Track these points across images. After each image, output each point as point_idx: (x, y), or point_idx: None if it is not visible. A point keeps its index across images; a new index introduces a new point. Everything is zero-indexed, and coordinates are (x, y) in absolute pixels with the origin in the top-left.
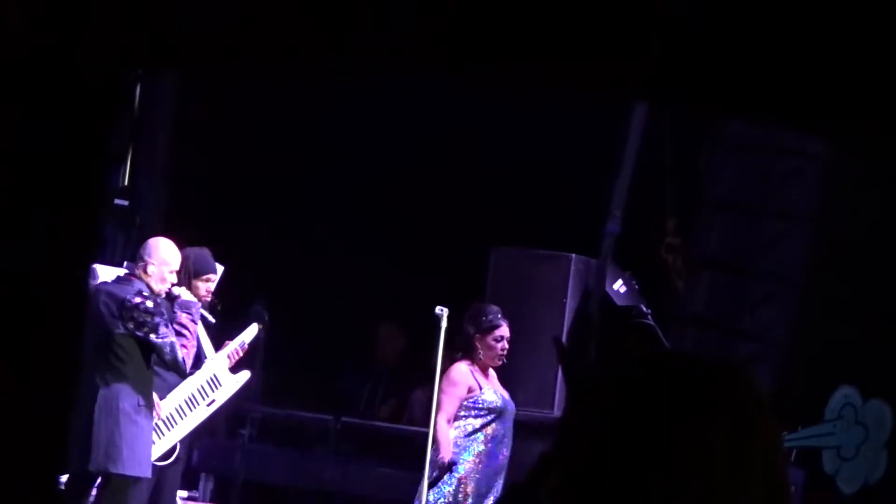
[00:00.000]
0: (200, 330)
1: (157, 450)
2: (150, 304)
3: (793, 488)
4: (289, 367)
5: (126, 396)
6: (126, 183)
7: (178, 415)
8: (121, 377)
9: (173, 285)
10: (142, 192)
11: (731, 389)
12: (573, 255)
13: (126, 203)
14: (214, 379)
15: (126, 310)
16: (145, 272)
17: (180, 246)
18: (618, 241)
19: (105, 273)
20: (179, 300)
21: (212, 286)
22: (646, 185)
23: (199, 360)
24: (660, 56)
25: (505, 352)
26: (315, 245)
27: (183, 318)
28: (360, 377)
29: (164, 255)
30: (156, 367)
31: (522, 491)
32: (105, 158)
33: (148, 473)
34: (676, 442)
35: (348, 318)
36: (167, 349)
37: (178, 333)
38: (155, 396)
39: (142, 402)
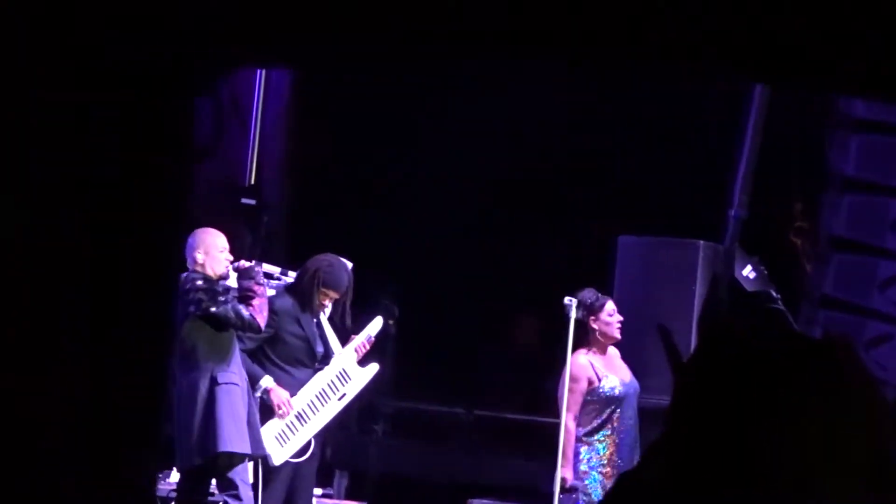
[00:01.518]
0: (326, 327)
1: (292, 446)
2: (199, 281)
3: None
4: (420, 361)
5: (201, 381)
6: (252, 182)
7: (310, 410)
8: (194, 365)
9: (231, 262)
10: (268, 190)
11: (832, 364)
12: (701, 241)
13: (253, 202)
14: (343, 373)
15: (182, 295)
16: (197, 263)
17: (310, 245)
18: (744, 226)
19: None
20: (240, 269)
21: (337, 297)
22: (771, 167)
23: (326, 356)
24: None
25: (621, 324)
26: (443, 237)
27: (245, 284)
28: (493, 368)
29: (207, 241)
30: (285, 365)
31: (631, 479)
32: (182, 153)
33: (247, 449)
34: (772, 419)
35: (478, 310)
36: (230, 313)
37: (245, 298)
38: (286, 393)
39: (220, 379)
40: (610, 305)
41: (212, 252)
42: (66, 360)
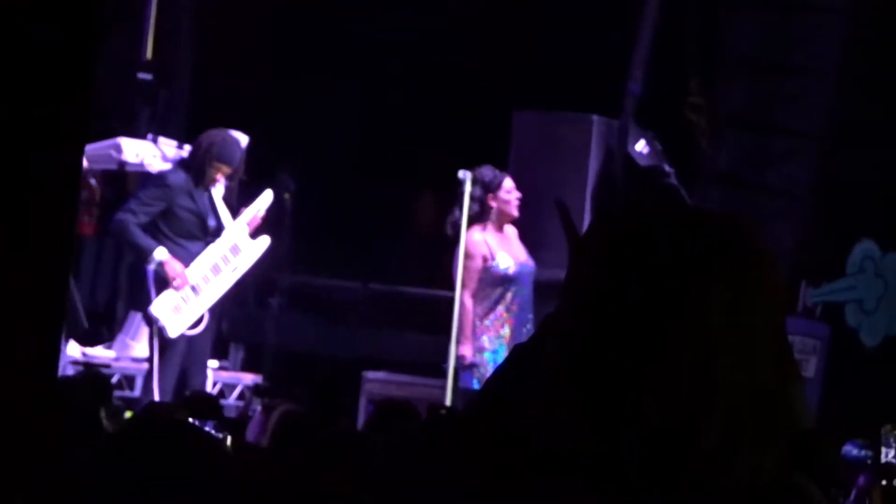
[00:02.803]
0: (218, 201)
1: (187, 318)
2: None
3: (818, 343)
4: (317, 235)
5: None
6: (150, 57)
7: (203, 283)
8: None
9: None
10: (166, 65)
11: (732, 241)
12: (595, 116)
13: (150, 77)
14: (235, 247)
15: None
16: None
17: (205, 122)
18: (640, 102)
19: (130, 146)
20: None
21: (230, 171)
22: (667, 43)
23: (219, 229)
24: None
25: (519, 201)
26: (343, 112)
27: None
28: (389, 243)
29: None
30: (178, 238)
31: (526, 352)
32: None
33: None
34: (674, 294)
35: (376, 186)
36: None
37: None
38: (181, 265)
39: None
40: (508, 182)
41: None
42: None
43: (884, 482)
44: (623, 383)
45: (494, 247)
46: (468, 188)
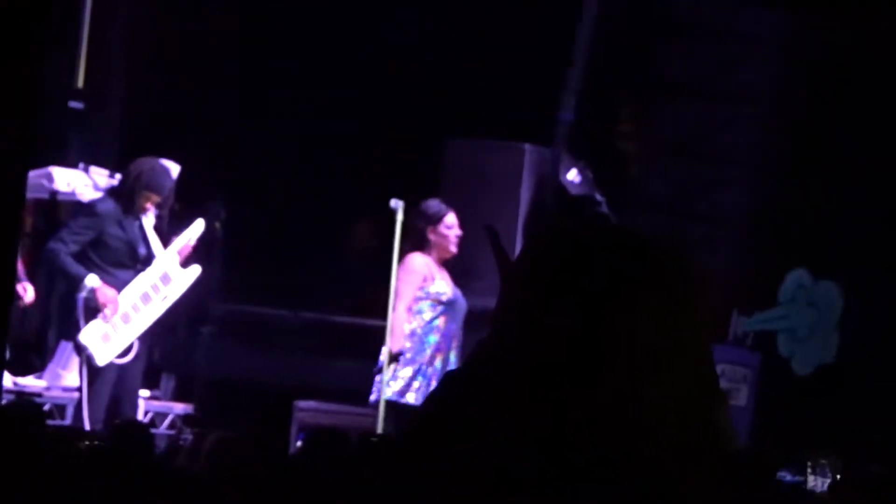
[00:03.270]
0: (149, 229)
1: (116, 347)
2: None
3: (748, 372)
4: (248, 263)
5: None
6: (81, 85)
7: (133, 311)
8: None
9: None
10: (98, 94)
11: (660, 265)
12: (527, 144)
13: (81, 106)
14: (165, 275)
15: None
16: None
17: (138, 150)
18: (572, 129)
19: (62, 175)
20: None
21: (160, 200)
22: (599, 72)
23: (149, 258)
24: None
25: (458, 238)
26: (275, 141)
27: None
28: (320, 272)
29: None
30: (108, 267)
31: (459, 378)
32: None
33: None
34: (602, 315)
35: (308, 215)
36: None
37: None
38: (113, 291)
39: None
40: (451, 218)
41: None
42: None
43: None
44: (554, 402)
45: (434, 272)
46: (400, 217)
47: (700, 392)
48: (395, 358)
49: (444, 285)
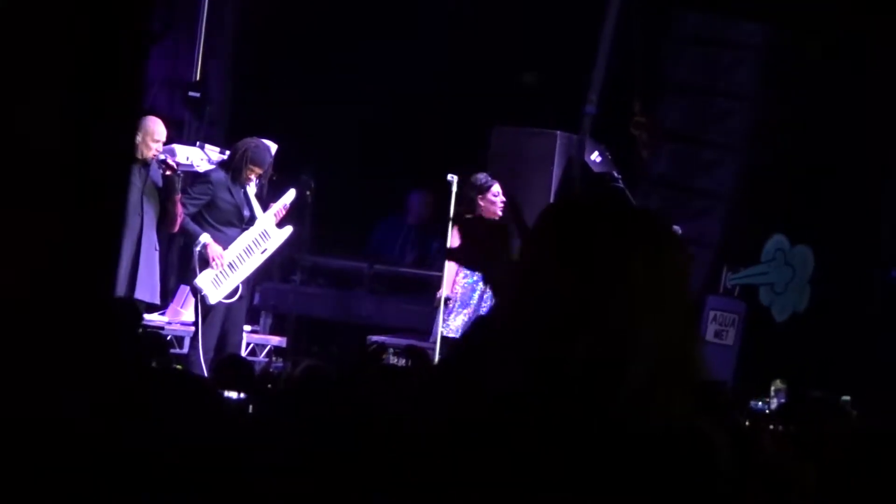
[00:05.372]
0: (252, 196)
1: (224, 289)
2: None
3: (736, 317)
4: (332, 224)
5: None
6: (198, 78)
7: (238, 261)
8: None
9: (159, 154)
10: (211, 85)
11: (649, 227)
12: (558, 131)
13: (198, 94)
14: (264, 233)
15: None
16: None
17: (244, 130)
18: (594, 120)
19: (182, 151)
20: (165, 176)
21: (261, 172)
22: (617, 73)
23: (252, 219)
24: None
25: (504, 204)
26: (352, 127)
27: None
28: (391, 232)
29: (147, 127)
30: (219, 226)
31: (484, 320)
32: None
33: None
34: (604, 264)
35: (380, 186)
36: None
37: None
38: (219, 248)
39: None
40: (496, 188)
41: (147, 140)
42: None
43: (771, 427)
44: (562, 337)
45: None
46: (454, 188)
47: (682, 329)
48: (445, 302)
49: None
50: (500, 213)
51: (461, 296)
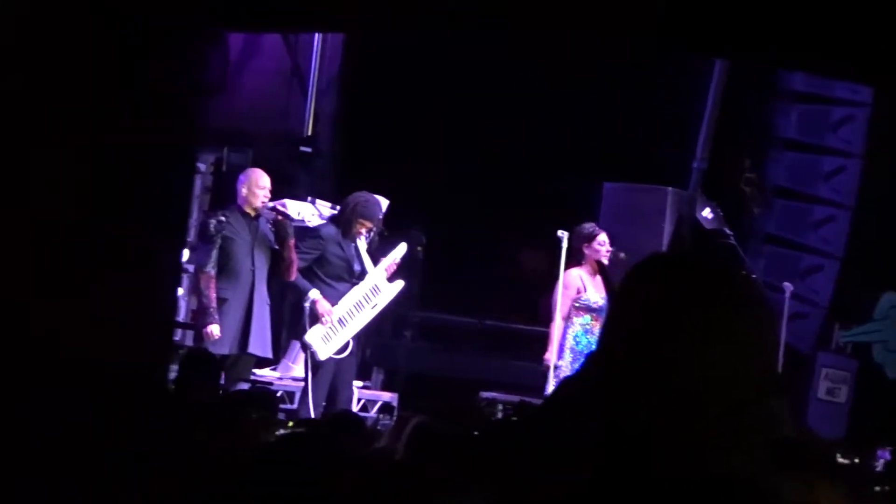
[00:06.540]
0: (362, 250)
1: (334, 345)
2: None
3: (848, 375)
4: (442, 279)
5: None
6: (309, 133)
7: (348, 316)
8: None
9: (267, 201)
10: (321, 141)
11: (723, 284)
12: (670, 188)
13: (309, 150)
14: (375, 287)
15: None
16: (240, 195)
17: (353, 186)
18: (705, 176)
19: (293, 206)
20: (276, 222)
21: (371, 226)
22: (726, 130)
23: (362, 273)
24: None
25: (609, 252)
26: (464, 183)
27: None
28: (500, 287)
29: (252, 178)
30: (329, 280)
31: (570, 383)
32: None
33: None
34: (675, 324)
35: (490, 241)
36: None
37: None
38: (328, 304)
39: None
40: (602, 237)
41: (253, 188)
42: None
43: (877, 488)
44: (630, 394)
45: (587, 283)
46: (565, 244)
47: (755, 385)
48: (554, 369)
49: (595, 294)
50: (604, 261)
51: (572, 362)
